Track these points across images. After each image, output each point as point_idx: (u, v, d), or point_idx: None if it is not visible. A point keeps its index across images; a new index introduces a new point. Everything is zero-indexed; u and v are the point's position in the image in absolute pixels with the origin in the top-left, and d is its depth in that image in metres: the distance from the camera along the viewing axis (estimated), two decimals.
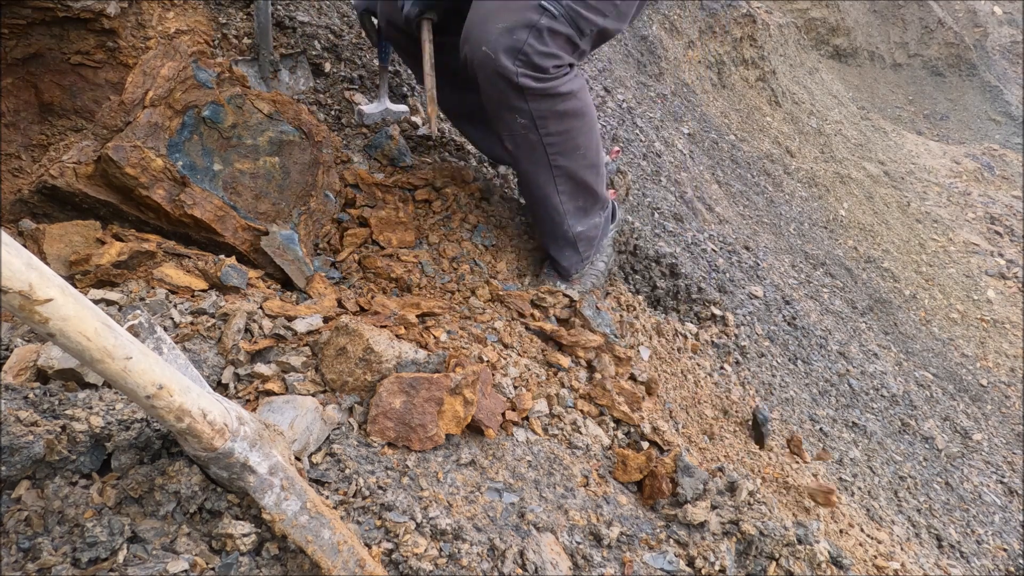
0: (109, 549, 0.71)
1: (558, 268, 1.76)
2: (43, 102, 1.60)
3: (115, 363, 0.63)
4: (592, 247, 1.77)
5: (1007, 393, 4.24)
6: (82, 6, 1.51)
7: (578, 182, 1.62)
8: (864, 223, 5.36)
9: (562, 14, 1.31)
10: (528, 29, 1.29)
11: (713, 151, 4.28)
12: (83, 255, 1.23)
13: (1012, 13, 10.27)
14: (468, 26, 1.35)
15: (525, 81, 1.34)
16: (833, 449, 2.12)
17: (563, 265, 1.74)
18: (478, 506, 1.01)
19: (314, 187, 1.62)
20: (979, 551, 2.21)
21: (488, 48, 1.31)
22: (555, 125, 1.47)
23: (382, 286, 1.59)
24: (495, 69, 1.33)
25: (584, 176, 1.62)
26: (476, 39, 1.33)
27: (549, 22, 1.30)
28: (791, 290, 3.11)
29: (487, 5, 1.33)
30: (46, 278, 0.58)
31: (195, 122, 1.43)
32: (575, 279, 1.77)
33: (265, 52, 1.89)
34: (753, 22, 5.80)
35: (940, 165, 7.02)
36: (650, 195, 2.59)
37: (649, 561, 1.04)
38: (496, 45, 1.31)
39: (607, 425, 1.38)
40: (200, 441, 0.72)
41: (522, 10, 1.29)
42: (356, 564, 0.80)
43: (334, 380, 1.14)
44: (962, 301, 5.15)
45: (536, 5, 1.29)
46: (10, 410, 0.81)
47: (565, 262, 1.74)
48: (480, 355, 1.35)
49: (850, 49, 8.52)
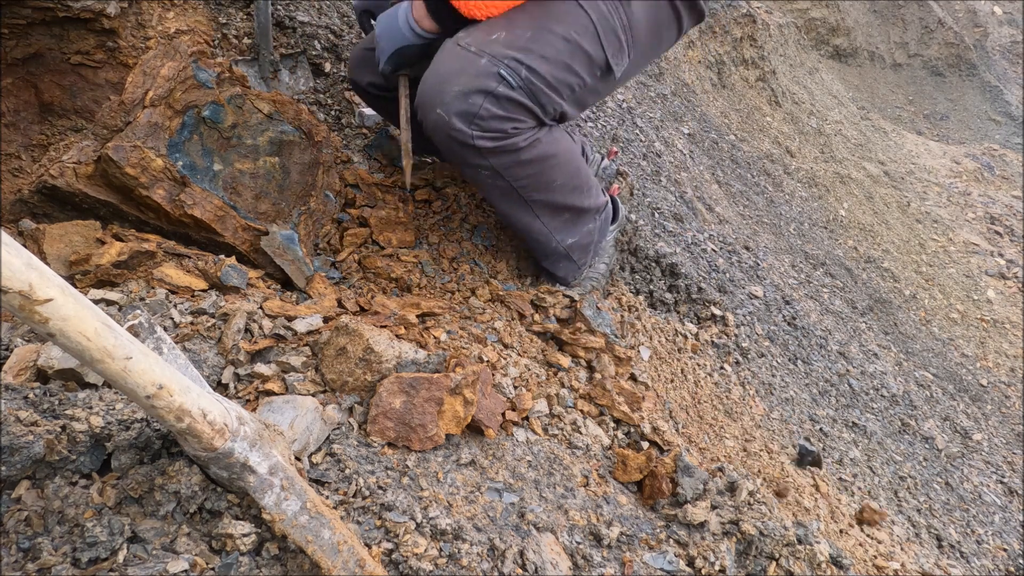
0: (109, 549, 0.72)
1: (555, 279, 1.74)
2: (43, 102, 1.60)
3: (115, 363, 0.63)
4: (588, 253, 1.73)
5: (1007, 393, 4.24)
6: (82, 6, 1.51)
7: (559, 206, 1.58)
8: (864, 223, 5.36)
9: (520, 85, 1.28)
10: (484, 95, 1.26)
11: (713, 151, 4.29)
12: (83, 255, 1.23)
13: (1012, 13, 10.28)
14: (423, 89, 1.32)
15: (482, 143, 1.31)
16: (833, 449, 2.12)
17: (559, 276, 1.72)
18: (478, 506, 1.01)
19: (314, 187, 1.62)
20: (979, 551, 2.21)
21: (442, 111, 1.28)
22: (523, 171, 1.42)
23: (382, 286, 1.59)
24: (449, 133, 1.30)
25: (565, 200, 1.57)
26: (430, 102, 1.30)
27: (506, 91, 1.27)
28: (791, 290, 3.11)
29: (443, 69, 1.29)
30: (46, 278, 0.58)
31: (195, 122, 1.43)
32: (575, 284, 1.75)
33: (265, 52, 1.89)
34: (753, 22, 5.80)
35: (940, 165, 7.03)
36: (650, 195, 2.59)
37: (649, 561, 1.04)
38: (450, 108, 1.27)
39: (607, 425, 1.39)
40: (200, 441, 0.72)
41: (479, 76, 1.26)
42: (356, 564, 0.80)
43: (334, 380, 1.14)
44: (962, 301, 5.15)
45: (495, 72, 1.26)
46: (10, 410, 0.81)
47: (561, 273, 1.71)
48: (480, 355, 1.35)
49: (850, 49, 8.52)
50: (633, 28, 1.43)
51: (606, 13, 1.38)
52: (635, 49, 1.49)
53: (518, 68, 1.27)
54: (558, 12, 1.34)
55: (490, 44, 1.28)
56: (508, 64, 1.27)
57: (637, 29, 1.45)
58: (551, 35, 1.32)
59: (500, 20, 1.32)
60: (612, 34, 1.40)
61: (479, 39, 1.29)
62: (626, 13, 1.41)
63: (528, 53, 1.29)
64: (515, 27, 1.30)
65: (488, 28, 1.31)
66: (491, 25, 1.31)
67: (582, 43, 1.35)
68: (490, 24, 1.31)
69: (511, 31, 1.30)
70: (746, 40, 5.76)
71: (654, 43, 1.56)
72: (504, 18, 1.32)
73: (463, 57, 1.28)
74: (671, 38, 1.61)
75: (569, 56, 1.34)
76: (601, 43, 1.38)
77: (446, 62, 1.30)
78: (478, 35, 1.30)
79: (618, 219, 1.92)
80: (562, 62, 1.33)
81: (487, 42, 1.28)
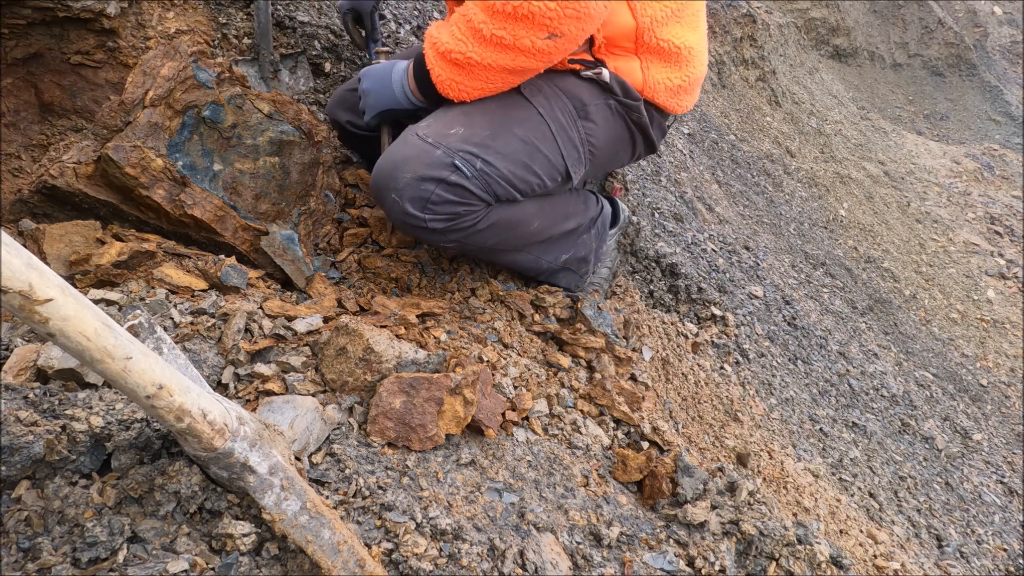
0: (109, 549, 0.72)
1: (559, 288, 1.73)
2: (43, 102, 1.60)
3: (115, 363, 0.63)
4: (588, 262, 1.72)
5: (1007, 393, 4.24)
6: (82, 6, 1.51)
7: (543, 242, 1.56)
8: (864, 223, 5.36)
9: (473, 175, 1.29)
10: (436, 182, 1.28)
11: (713, 151, 4.29)
12: (83, 255, 1.23)
13: (1012, 13, 10.28)
14: (378, 172, 1.33)
15: (434, 224, 1.32)
16: (833, 449, 2.12)
17: (562, 286, 1.70)
18: (478, 506, 1.01)
19: (314, 187, 1.62)
20: (979, 551, 2.21)
21: (396, 196, 1.29)
22: (487, 237, 1.41)
23: (382, 286, 1.59)
24: (403, 217, 1.32)
25: (549, 233, 1.55)
26: (385, 186, 1.31)
27: (459, 179, 1.28)
28: (791, 290, 3.11)
29: (399, 156, 1.30)
30: (46, 278, 0.58)
31: (195, 122, 1.43)
32: (578, 291, 1.74)
33: (265, 52, 1.89)
34: (753, 22, 5.80)
35: (940, 165, 7.03)
36: (650, 195, 2.59)
37: (649, 561, 1.04)
38: (403, 194, 1.29)
39: (607, 425, 1.39)
40: (200, 441, 0.72)
41: (433, 165, 1.27)
42: (356, 564, 0.80)
43: (334, 380, 1.14)
44: (962, 301, 5.15)
45: (449, 163, 1.27)
46: (10, 410, 0.81)
47: (563, 283, 1.70)
48: (480, 355, 1.35)
49: (850, 49, 8.52)
50: (592, 143, 1.47)
51: (564, 125, 1.41)
52: (594, 163, 1.52)
53: (473, 160, 1.29)
54: (518, 116, 1.36)
55: (447, 137, 1.30)
56: (463, 156, 1.28)
57: (596, 144, 1.48)
58: (510, 135, 1.34)
59: (459, 117, 1.33)
60: (570, 145, 1.43)
61: (437, 131, 1.31)
62: (584, 129, 1.44)
63: (485, 148, 1.30)
64: (474, 125, 1.32)
65: (448, 123, 1.33)
66: (451, 120, 1.33)
67: (540, 147, 1.37)
68: (450, 119, 1.33)
69: (470, 128, 1.32)
70: (746, 40, 5.76)
71: (611, 158, 1.59)
72: (464, 115, 1.33)
73: (419, 147, 1.30)
74: (625, 159, 1.65)
75: (528, 156, 1.36)
76: (561, 151, 1.41)
77: (403, 150, 1.31)
78: (437, 127, 1.32)
79: (619, 222, 1.91)
80: (521, 161, 1.35)
81: (445, 135, 1.30)
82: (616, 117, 1.49)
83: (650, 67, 1.47)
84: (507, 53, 1.25)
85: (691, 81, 1.52)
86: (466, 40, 1.26)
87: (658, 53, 1.46)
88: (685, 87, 1.52)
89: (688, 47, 1.47)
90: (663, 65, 1.48)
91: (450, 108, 1.37)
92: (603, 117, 1.46)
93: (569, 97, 1.42)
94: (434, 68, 1.32)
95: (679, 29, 1.45)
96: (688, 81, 1.51)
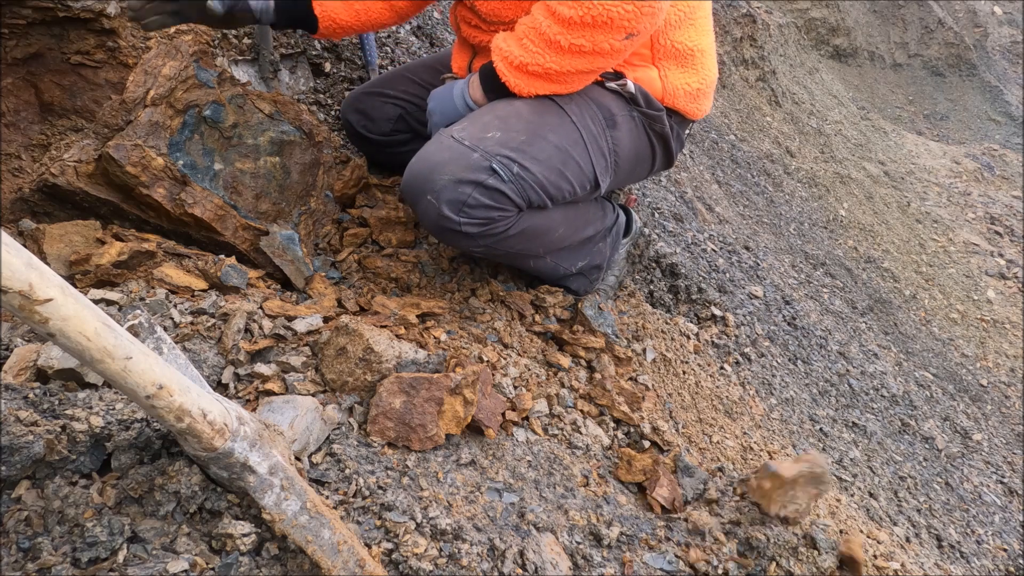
0: (109, 549, 0.72)
1: (569, 291, 1.73)
2: (43, 102, 1.60)
3: (115, 363, 0.63)
4: (601, 269, 1.73)
5: (1007, 393, 4.24)
6: (82, 6, 1.51)
7: (563, 249, 1.57)
8: (864, 223, 5.36)
9: (510, 179, 1.28)
10: (474, 185, 1.27)
11: (713, 151, 4.29)
12: (83, 255, 1.23)
13: (1012, 13, 10.28)
14: (411, 174, 1.31)
15: (468, 228, 1.31)
16: (833, 449, 2.12)
17: (572, 288, 1.72)
18: (478, 506, 1.01)
19: (314, 187, 1.62)
20: (979, 551, 2.21)
21: (432, 197, 1.28)
22: (514, 244, 1.41)
23: (382, 286, 1.59)
24: (437, 221, 1.30)
25: (570, 240, 1.56)
26: (420, 188, 1.29)
27: (496, 183, 1.27)
28: (791, 290, 3.11)
29: (435, 158, 1.29)
30: (46, 278, 0.58)
31: (196, 121, 1.43)
32: (585, 295, 1.76)
33: (265, 52, 1.89)
34: (753, 22, 5.80)
35: (940, 165, 7.03)
36: (650, 195, 2.59)
37: (649, 561, 1.04)
38: (440, 196, 1.27)
39: (607, 425, 1.39)
40: (200, 441, 0.72)
41: (471, 168, 1.26)
42: (356, 564, 0.80)
43: (334, 380, 1.14)
44: (962, 301, 5.15)
45: (487, 166, 1.26)
46: (10, 410, 0.81)
47: (574, 287, 1.71)
48: (480, 355, 1.35)
49: (850, 49, 8.52)
50: (617, 153, 1.48)
51: (595, 133, 1.42)
52: (617, 173, 1.53)
53: (510, 164, 1.28)
54: (552, 122, 1.37)
55: (484, 141, 1.29)
56: (500, 160, 1.28)
57: (620, 155, 1.49)
58: (545, 142, 1.34)
59: (495, 121, 1.33)
60: (600, 154, 1.44)
61: (474, 134, 1.30)
62: (612, 138, 1.45)
63: (521, 153, 1.30)
64: (510, 130, 1.32)
65: (484, 126, 1.32)
66: (487, 124, 1.33)
67: (573, 154, 1.38)
68: (486, 123, 1.33)
69: (506, 132, 1.31)
70: (746, 40, 5.76)
71: (632, 171, 1.60)
72: (499, 120, 1.33)
73: (456, 149, 1.29)
74: (642, 174, 1.66)
75: (561, 163, 1.36)
76: (591, 159, 1.42)
77: (439, 152, 1.30)
78: (473, 130, 1.31)
79: (631, 232, 1.91)
80: (555, 167, 1.35)
81: (481, 138, 1.29)
82: (639, 129, 1.51)
83: (668, 74, 1.49)
84: (586, 58, 1.28)
85: (707, 84, 1.54)
86: (542, 52, 1.28)
87: (673, 56, 1.47)
88: (703, 91, 1.54)
89: (700, 49, 1.49)
90: (680, 70, 1.49)
91: (484, 112, 1.37)
92: (628, 128, 1.48)
93: (598, 107, 1.43)
94: (509, 80, 1.34)
95: (691, 32, 1.47)
96: (705, 84, 1.53)
